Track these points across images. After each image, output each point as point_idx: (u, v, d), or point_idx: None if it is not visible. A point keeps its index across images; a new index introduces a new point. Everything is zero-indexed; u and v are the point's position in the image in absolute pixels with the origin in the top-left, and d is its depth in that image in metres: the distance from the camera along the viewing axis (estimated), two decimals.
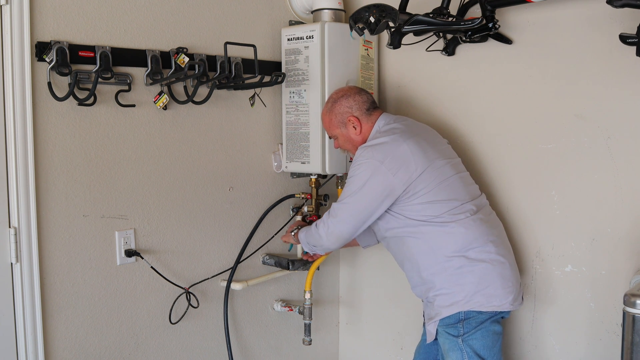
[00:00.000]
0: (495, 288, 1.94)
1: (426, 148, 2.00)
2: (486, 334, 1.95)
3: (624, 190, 2.00)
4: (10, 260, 1.82)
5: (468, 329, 1.95)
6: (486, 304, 1.93)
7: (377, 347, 2.76)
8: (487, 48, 2.25)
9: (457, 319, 1.95)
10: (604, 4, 1.73)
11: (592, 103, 2.04)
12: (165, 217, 2.15)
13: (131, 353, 2.10)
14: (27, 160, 1.79)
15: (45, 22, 1.80)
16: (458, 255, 1.94)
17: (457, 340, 1.95)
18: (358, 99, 2.13)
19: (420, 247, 1.98)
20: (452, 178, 2.00)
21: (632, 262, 2.00)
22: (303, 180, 2.60)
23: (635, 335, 1.58)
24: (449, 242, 1.95)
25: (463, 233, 1.94)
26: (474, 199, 2.04)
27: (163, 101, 2.06)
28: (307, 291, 2.43)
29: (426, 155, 1.98)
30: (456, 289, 1.94)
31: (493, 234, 2.01)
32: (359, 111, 2.11)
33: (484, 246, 1.95)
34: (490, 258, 1.95)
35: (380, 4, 1.98)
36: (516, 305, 1.99)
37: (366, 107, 2.12)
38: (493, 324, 1.97)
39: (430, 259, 1.97)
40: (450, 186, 1.98)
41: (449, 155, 2.09)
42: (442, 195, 1.96)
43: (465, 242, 1.94)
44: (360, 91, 2.16)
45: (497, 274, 1.95)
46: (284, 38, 2.39)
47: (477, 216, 1.99)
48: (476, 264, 1.93)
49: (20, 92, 1.76)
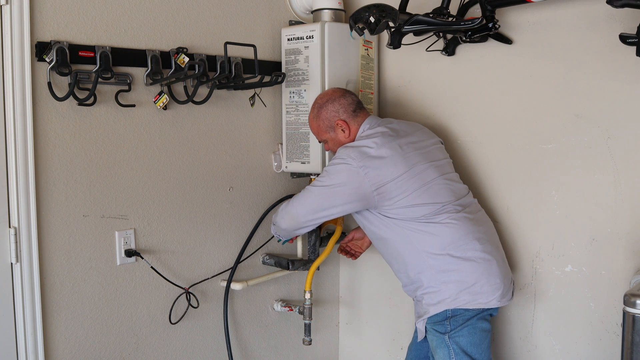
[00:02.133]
0: (481, 285, 1.95)
1: (407, 152, 2.01)
2: (473, 330, 1.97)
3: (624, 190, 2.00)
4: (10, 260, 1.82)
5: (454, 325, 1.97)
6: (472, 301, 1.95)
7: (377, 347, 2.76)
8: (487, 48, 2.25)
9: (444, 317, 1.98)
10: (604, 4, 1.73)
11: (592, 103, 2.04)
12: (165, 217, 2.15)
13: (131, 353, 2.10)
14: (27, 160, 1.79)
15: (45, 22, 1.80)
16: (443, 253, 1.96)
17: (444, 337, 1.98)
18: (343, 102, 2.12)
19: (406, 246, 2.01)
20: (435, 181, 2.01)
21: (632, 262, 2.00)
22: (303, 180, 2.60)
23: (635, 335, 1.58)
24: (432, 241, 1.97)
25: (446, 232, 1.96)
26: (459, 198, 2.04)
27: (163, 101, 2.06)
28: (307, 291, 2.43)
29: (405, 160, 1.99)
30: (442, 287, 1.96)
31: (480, 231, 2.02)
32: (345, 114, 2.12)
33: (469, 244, 1.97)
34: (476, 256, 1.96)
35: (380, 4, 1.98)
36: (504, 302, 2.00)
37: (352, 108, 2.13)
38: (480, 321, 1.99)
39: (416, 258, 2.00)
40: (431, 189, 1.99)
41: (435, 157, 2.08)
42: (423, 198, 1.97)
43: (450, 241, 1.96)
44: (344, 93, 2.16)
45: (483, 270, 1.96)
46: (284, 38, 2.39)
47: (462, 214, 2.00)
48: (461, 262, 1.95)
49: (20, 92, 1.76)
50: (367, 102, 2.48)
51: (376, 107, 2.56)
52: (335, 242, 2.48)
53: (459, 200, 2.04)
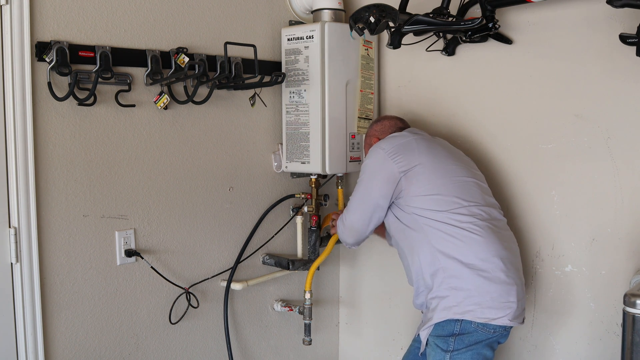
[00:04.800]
0: (492, 300, 1.85)
1: (438, 150, 2.03)
2: (476, 357, 1.88)
3: (624, 190, 2.00)
4: (10, 260, 1.82)
5: (459, 346, 1.87)
6: (480, 314, 1.85)
7: (377, 347, 2.76)
8: (487, 48, 2.25)
9: (450, 331, 1.88)
10: (604, 4, 1.73)
11: (592, 103, 2.04)
12: (165, 217, 2.15)
13: (131, 353, 2.10)
14: (27, 161, 1.79)
15: (45, 22, 1.80)
16: (457, 259, 1.88)
17: (444, 356, 1.88)
18: (386, 124, 2.22)
19: (423, 247, 1.94)
20: (463, 179, 1.98)
21: (632, 262, 2.00)
22: (303, 180, 2.60)
23: (635, 335, 1.58)
24: (451, 244, 1.89)
25: (468, 239, 1.88)
26: (487, 205, 1.98)
27: (164, 101, 2.06)
28: (307, 291, 2.43)
29: (432, 152, 2.00)
30: (450, 294, 1.88)
31: (504, 248, 1.92)
32: (383, 135, 2.19)
33: (490, 260, 1.87)
34: (496, 276, 1.86)
35: (380, 4, 1.98)
36: (515, 323, 1.88)
37: (392, 130, 2.19)
38: (486, 349, 1.89)
39: (429, 258, 1.92)
40: (458, 184, 1.96)
41: (469, 167, 2.07)
42: (449, 189, 1.93)
43: (469, 250, 1.88)
44: (392, 118, 2.25)
45: (498, 289, 1.86)
46: (284, 38, 2.39)
47: (487, 224, 1.92)
48: (476, 273, 1.86)
49: (20, 92, 1.76)
50: (367, 102, 2.48)
51: (376, 107, 2.56)
52: (335, 242, 2.48)
53: (487, 208, 1.96)
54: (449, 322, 1.88)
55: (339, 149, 2.38)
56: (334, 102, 2.34)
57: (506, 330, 1.91)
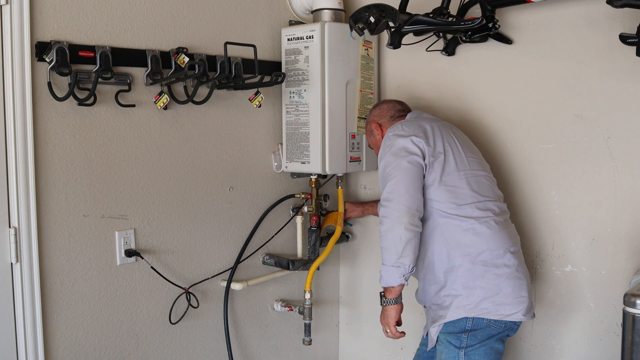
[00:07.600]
0: (505, 296, 1.85)
1: (455, 140, 2.00)
2: (489, 351, 1.87)
3: (624, 190, 2.01)
4: (10, 260, 1.82)
5: (472, 342, 1.86)
6: (494, 311, 1.84)
7: (377, 347, 2.76)
8: (487, 48, 2.25)
9: (462, 328, 1.87)
10: (604, 4, 1.73)
11: (592, 103, 2.04)
12: (165, 217, 2.15)
13: (131, 353, 2.10)
14: (27, 160, 1.79)
15: (45, 22, 1.80)
16: (473, 255, 1.86)
17: (458, 353, 1.87)
18: (384, 107, 2.22)
19: (435, 239, 1.90)
20: (478, 172, 1.97)
21: (632, 262, 2.00)
22: (303, 180, 2.60)
23: (635, 335, 1.58)
24: (467, 239, 1.87)
25: (484, 234, 1.87)
26: (498, 200, 1.99)
27: (163, 101, 2.06)
28: (307, 291, 2.43)
29: (451, 142, 1.98)
30: (464, 292, 1.86)
31: (514, 244, 1.93)
32: (383, 119, 2.18)
33: (503, 256, 1.87)
34: (507, 272, 1.86)
35: (380, 4, 1.98)
36: (527, 317, 1.88)
37: (390, 114, 2.18)
38: (498, 342, 1.89)
39: (443, 254, 1.89)
40: (474, 179, 1.94)
41: (480, 158, 2.06)
42: (467, 184, 1.91)
43: (485, 245, 1.86)
44: (390, 101, 2.24)
45: (510, 284, 1.86)
46: (284, 38, 2.39)
47: (501, 219, 1.93)
48: (490, 270, 1.85)
49: (20, 92, 1.76)
50: (367, 102, 2.48)
51: None
52: (335, 242, 2.48)
53: (498, 202, 1.97)
54: (461, 319, 1.87)
55: (339, 149, 2.38)
56: (334, 102, 2.34)
57: (516, 324, 1.92)
